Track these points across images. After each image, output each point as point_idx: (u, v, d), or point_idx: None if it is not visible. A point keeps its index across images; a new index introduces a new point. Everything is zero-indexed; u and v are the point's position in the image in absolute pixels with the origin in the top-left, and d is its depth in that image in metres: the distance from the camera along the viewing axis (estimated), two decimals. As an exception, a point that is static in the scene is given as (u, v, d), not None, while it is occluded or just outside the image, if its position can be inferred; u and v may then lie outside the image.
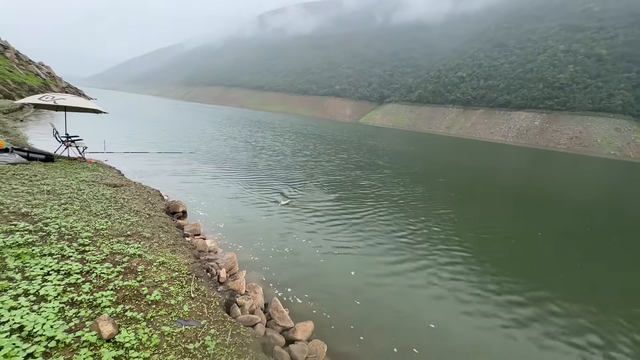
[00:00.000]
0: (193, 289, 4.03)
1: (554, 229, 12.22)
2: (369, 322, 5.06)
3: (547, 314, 6.00)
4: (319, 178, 15.39)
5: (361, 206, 11.55)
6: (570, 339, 5.34)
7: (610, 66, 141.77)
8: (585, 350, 5.10)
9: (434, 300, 6.02)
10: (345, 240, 8.21)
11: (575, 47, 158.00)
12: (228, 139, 27.10)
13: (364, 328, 4.89)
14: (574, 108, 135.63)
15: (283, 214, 9.51)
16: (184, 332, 3.18)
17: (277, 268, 6.34)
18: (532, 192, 20.80)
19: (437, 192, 15.60)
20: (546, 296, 6.68)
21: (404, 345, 4.63)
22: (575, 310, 6.30)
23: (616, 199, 22.52)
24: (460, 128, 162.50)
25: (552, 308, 6.23)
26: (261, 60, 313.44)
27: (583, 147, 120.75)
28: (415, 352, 4.54)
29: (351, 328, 4.86)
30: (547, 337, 5.31)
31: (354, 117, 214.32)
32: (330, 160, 21.71)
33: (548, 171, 36.04)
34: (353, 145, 35.51)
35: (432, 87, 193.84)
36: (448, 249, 8.47)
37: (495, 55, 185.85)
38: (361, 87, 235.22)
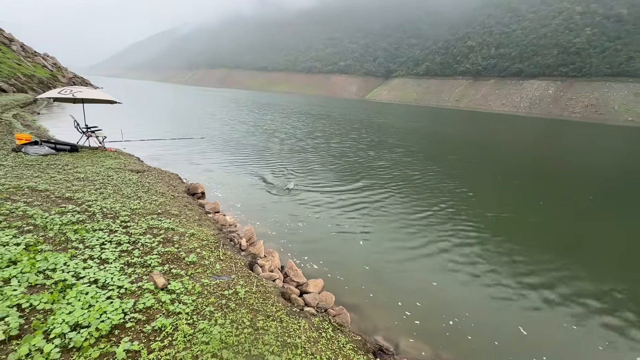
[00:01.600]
0: (221, 253, 4.82)
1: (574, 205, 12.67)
2: (375, 282, 5.79)
3: (552, 281, 6.67)
4: (332, 160, 15.80)
5: (373, 186, 11.93)
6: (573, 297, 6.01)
7: (631, 27, 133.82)
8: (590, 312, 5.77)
9: (440, 267, 6.59)
10: (357, 217, 8.79)
11: (593, 7, 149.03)
12: (238, 123, 27.47)
13: (371, 286, 5.62)
14: (590, 74, 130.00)
15: (297, 194, 10.16)
16: (219, 283, 3.97)
17: (291, 239, 7.12)
18: (545, 165, 20.98)
19: (447, 170, 15.98)
20: (553, 267, 7.32)
21: (407, 300, 5.37)
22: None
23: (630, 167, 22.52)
24: (470, 100, 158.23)
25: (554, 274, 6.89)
26: (262, 39, 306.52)
27: (599, 115, 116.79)
28: (418, 305, 5.29)
29: (358, 286, 5.62)
30: (552, 301, 5.99)
31: (360, 93, 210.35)
32: (342, 141, 21.83)
33: (563, 143, 35.66)
34: (363, 124, 35.53)
35: (440, 58, 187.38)
36: (458, 225, 8.90)
37: (507, 22, 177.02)
38: (366, 62, 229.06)
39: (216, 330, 3.05)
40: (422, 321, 4.88)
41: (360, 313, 4.94)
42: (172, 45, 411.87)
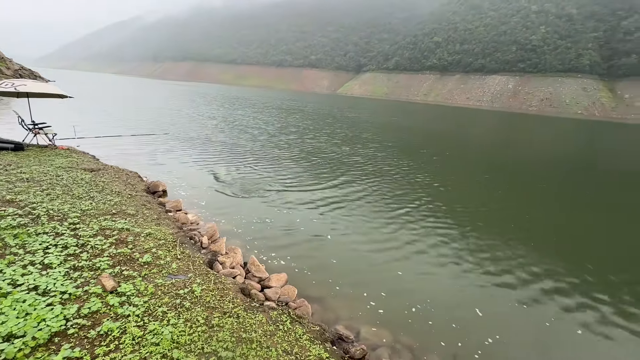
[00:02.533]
0: (179, 252, 4.69)
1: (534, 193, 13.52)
2: (342, 275, 5.86)
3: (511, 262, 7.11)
4: (306, 156, 15.48)
5: (346, 182, 11.92)
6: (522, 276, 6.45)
7: (579, 26, 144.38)
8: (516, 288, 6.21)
9: (406, 258, 6.77)
10: (327, 213, 8.72)
11: (547, 6, 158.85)
12: (207, 118, 26.36)
13: (338, 279, 5.69)
14: (545, 70, 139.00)
15: (268, 191, 9.93)
16: (175, 283, 3.87)
17: (259, 236, 7.00)
18: (505, 156, 22.24)
19: (418, 164, 16.41)
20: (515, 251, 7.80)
21: (372, 291, 5.49)
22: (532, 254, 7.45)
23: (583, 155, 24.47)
24: (437, 95, 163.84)
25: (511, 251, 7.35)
26: (232, 31, 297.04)
27: (552, 108, 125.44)
28: (382, 294, 5.44)
29: (325, 279, 5.67)
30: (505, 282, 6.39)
31: (332, 88, 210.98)
32: (316, 137, 21.54)
33: (521, 135, 37.94)
34: (336, 119, 35.60)
35: (408, 53, 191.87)
36: (425, 217, 9.18)
37: (471, 19, 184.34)
38: (337, 57, 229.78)
39: (167, 330, 2.98)
40: (385, 310, 5.04)
41: (324, 305, 5.02)
42: (135, 35, 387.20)
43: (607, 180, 16.58)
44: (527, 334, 4.79)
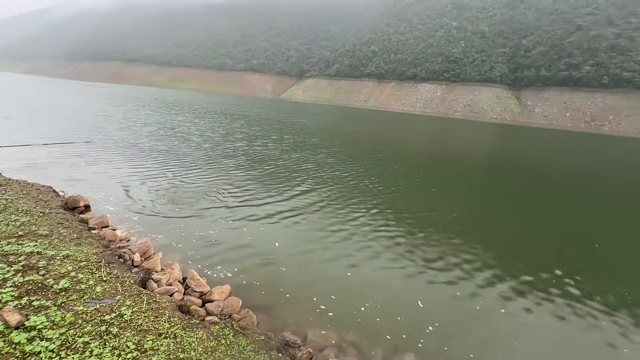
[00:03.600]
0: (104, 274, 4.23)
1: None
2: (292, 282, 5.82)
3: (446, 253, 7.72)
4: (255, 165, 14.74)
5: (295, 189, 11.84)
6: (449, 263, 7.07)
7: (491, 42, 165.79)
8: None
9: (355, 260, 6.95)
10: (274, 222, 8.51)
11: (464, 24, 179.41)
12: (142, 125, 23.78)
13: (288, 286, 5.63)
14: (466, 79, 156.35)
15: (212, 203, 9.38)
16: (99, 308, 3.48)
17: (201, 250, 6.54)
18: (438, 157, 24.31)
19: (366, 168, 17.06)
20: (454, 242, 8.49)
21: (322, 294, 5.55)
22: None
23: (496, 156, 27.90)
24: (376, 100, 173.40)
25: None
26: (165, 30, 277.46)
27: (474, 114, 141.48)
28: (332, 297, 5.53)
29: (275, 288, 5.55)
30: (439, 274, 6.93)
31: (275, 93, 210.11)
32: (265, 144, 20.78)
33: (449, 137, 41.94)
34: (284, 124, 35.22)
35: (348, 61, 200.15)
36: (371, 219, 9.64)
37: (402, 31, 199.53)
38: (280, 62, 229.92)
39: (90, 362, 2.67)
40: (335, 312, 5.14)
41: (271, 313, 4.95)
42: (47, 28, 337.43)
43: (520, 177, 19.23)
44: (461, 319, 5.31)
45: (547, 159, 28.12)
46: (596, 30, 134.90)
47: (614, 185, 19.18)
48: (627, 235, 10.46)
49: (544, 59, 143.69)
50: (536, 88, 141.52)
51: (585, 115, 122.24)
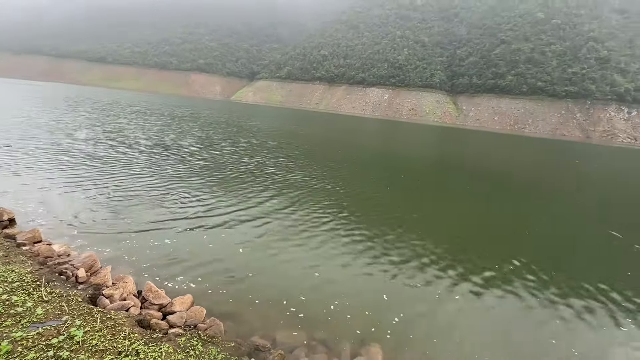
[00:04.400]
0: (45, 293, 3.75)
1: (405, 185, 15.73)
2: (260, 286, 5.71)
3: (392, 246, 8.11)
4: (215, 170, 13.86)
5: (255, 192, 11.53)
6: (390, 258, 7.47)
7: (430, 51, 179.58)
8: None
9: (321, 260, 7.04)
10: (237, 226, 8.24)
11: (407, 33, 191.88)
12: (79, 128, 20.84)
13: (256, 292, 5.51)
14: (410, 85, 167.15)
15: (169, 210, 8.67)
16: (43, 332, 3.08)
17: (156, 260, 6.06)
18: (389, 159, 25.49)
19: (326, 170, 17.24)
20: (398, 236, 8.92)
21: (291, 297, 5.51)
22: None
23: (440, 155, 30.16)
24: (327, 103, 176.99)
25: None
26: (101, 24, 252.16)
27: (418, 117, 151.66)
28: (302, 299, 5.51)
29: (243, 294, 5.39)
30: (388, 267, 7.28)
31: (225, 94, 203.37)
32: (222, 148, 19.62)
33: (397, 139, 44.32)
34: (239, 127, 33.94)
35: (299, 64, 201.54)
36: (334, 219, 9.79)
37: (351, 37, 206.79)
38: (229, 62, 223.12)
39: (39, 392, 2.37)
40: (305, 313, 5.15)
41: (239, 319, 4.81)
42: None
43: (459, 174, 21.08)
44: (423, 308, 5.68)
45: (480, 157, 31.26)
46: (516, 45, 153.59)
47: (533, 180, 22.00)
48: (548, 221, 12.09)
49: (475, 68, 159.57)
50: (469, 94, 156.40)
51: (509, 119, 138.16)
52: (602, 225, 11.98)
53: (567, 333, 5.42)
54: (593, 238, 10.72)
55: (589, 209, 14.97)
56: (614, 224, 12.00)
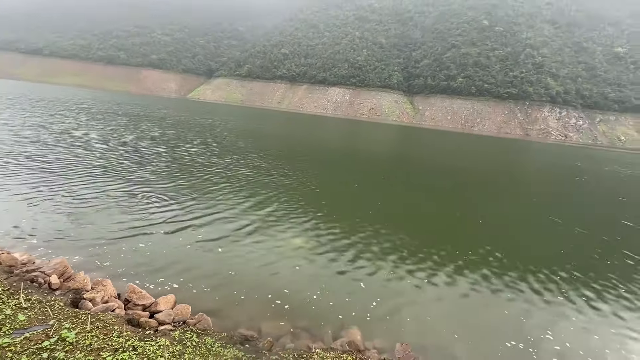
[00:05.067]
0: (24, 300, 3.63)
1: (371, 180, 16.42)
2: (243, 283, 5.87)
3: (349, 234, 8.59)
4: (185, 172, 13.37)
5: (235, 194, 11.41)
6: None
7: (388, 52, 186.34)
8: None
9: (300, 254, 7.33)
10: (213, 227, 8.24)
11: (366, 34, 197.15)
12: (22, 128, 18.71)
13: (242, 289, 5.68)
14: (369, 85, 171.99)
15: (135, 214, 8.31)
16: (30, 337, 3.04)
17: (132, 264, 5.91)
18: (353, 156, 26.29)
19: (299, 170, 17.33)
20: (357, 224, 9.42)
21: (276, 290, 5.77)
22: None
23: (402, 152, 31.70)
24: (289, 103, 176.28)
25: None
26: (35, 11, 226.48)
27: (377, 116, 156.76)
28: (286, 291, 5.80)
29: (228, 292, 5.55)
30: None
31: (181, 92, 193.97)
32: (189, 149, 18.74)
33: (359, 136, 45.65)
34: (202, 127, 32.50)
35: (260, 62, 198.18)
36: (308, 216, 10.06)
37: (311, 36, 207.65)
38: (184, 59, 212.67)
39: (43, 390, 2.41)
40: (290, 304, 5.45)
41: (226, 314, 4.97)
42: None
43: (418, 169, 22.49)
44: (396, 293, 6.22)
45: (437, 155, 33.49)
46: (465, 49, 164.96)
47: (482, 173, 24.18)
48: (499, 210, 13.49)
49: (429, 70, 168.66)
50: (425, 95, 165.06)
51: (461, 119, 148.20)
52: (544, 213, 13.64)
53: (525, 308, 6.29)
54: (537, 224, 12.19)
55: (533, 199, 16.88)
56: (554, 212, 13.73)
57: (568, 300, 6.60)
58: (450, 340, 5.08)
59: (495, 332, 5.44)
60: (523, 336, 5.36)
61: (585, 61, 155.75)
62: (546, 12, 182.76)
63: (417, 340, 4.95)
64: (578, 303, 6.53)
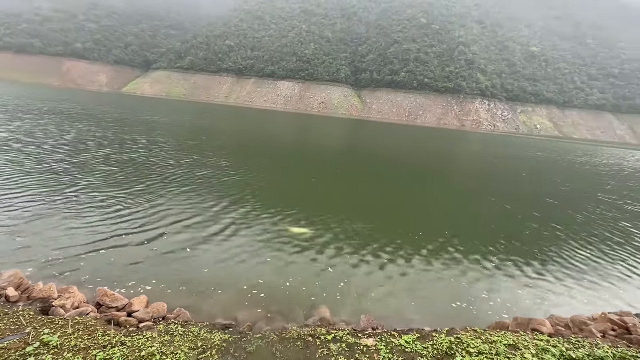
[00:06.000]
0: (-13, 313, 3.48)
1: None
2: (217, 279, 6.05)
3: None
4: (142, 175, 12.51)
5: (195, 194, 11.07)
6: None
7: (335, 46, 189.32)
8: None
9: (269, 246, 7.62)
10: (185, 226, 8.18)
11: (313, 28, 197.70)
12: None
13: (217, 284, 5.89)
14: (318, 79, 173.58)
15: (89, 220, 7.81)
16: (7, 346, 3.01)
17: (96, 269, 5.76)
18: (308, 150, 26.71)
19: (257, 167, 17.11)
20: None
21: (250, 281, 6.06)
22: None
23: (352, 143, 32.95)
24: (237, 97, 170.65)
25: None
26: None
27: (327, 110, 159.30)
28: (260, 281, 6.13)
29: (201, 288, 5.73)
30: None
31: (114, 85, 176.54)
32: (139, 150, 17.37)
33: (312, 130, 46.22)
34: (148, 125, 29.84)
35: (203, 54, 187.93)
36: (278, 209, 10.29)
37: (257, 28, 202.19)
38: (116, 48, 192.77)
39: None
40: (266, 292, 5.82)
41: (202, 308, 5.18)
42: None
43: (368, 160, 23.81)
44: (360, 274, 6.87)
45: (386, 146, 35.55)
46: (406, 45, 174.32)
47: (426, 161, 26.45)
48: (443, 195, 15.08)
49: (374, 64, 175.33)
50: (372, 88, 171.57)
51: (405, 111, 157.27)
52: (483, 195, 15.54)
53: (468, 276, 7.37)
54: (477, 203, 13.88)
55: (471, 183, 19.03)
56: (492, 194, 15.72)
57: (501, 266, 7.91)
58: (407, 308, 5.89)
59: (444, 297, 6.39)
60: (466, 298, 6.40)
61: (507, 58, 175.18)
62: (475, 12, 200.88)
63: (379, 311, 5.66)
64: (510, 268, 7.86)
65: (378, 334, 4.14)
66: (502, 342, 3.83)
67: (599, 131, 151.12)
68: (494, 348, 3.68)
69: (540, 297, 6.81)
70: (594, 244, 10.14)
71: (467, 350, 3.63)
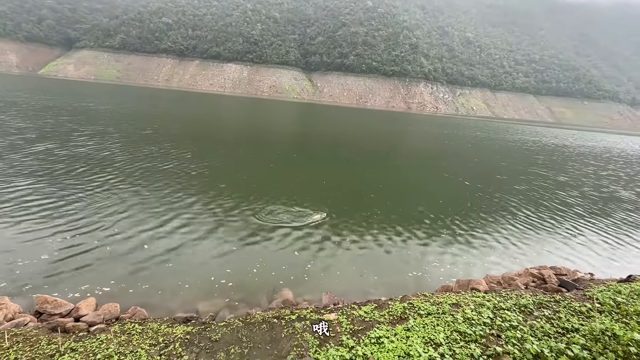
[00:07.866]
0: None
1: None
2: (182, 272, 5.90)
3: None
4: (96, 169, 11.46)
5: (144, 187, 10.21)
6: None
7: (283, 28, 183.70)
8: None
9: (235, 236, 7.53)
10: (139, 226, 7.63)
11: (258, 7, 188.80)
12: None
13: (184, 278, 5.74)
14: (268, 62, 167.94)
15: (33, 221, 6.86)
16: None
17: (36, 275, 5.29)
18: (263, 135, 26.01)
19: (213, 155, 16.14)
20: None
21: (218, 272, 5.99)
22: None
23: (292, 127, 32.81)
24: (180, 80, 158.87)
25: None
26: None
27: (279, 94, 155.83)
28: (228, 271, 6.06)
29: (162, 282, 5.54)
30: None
31: (27, 67, 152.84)
32: (86, 143, 15.62)
33: (264, 115, 44.98)
34: (88, 114, 26.14)
35: (136, 32, 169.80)
36: (235, 201, 9.92)
37: (197, 5, 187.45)
38: (27, 23, 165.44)
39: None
40: (234, 281, 5.80)
41: (164, 303, 5.05)
42: None
43: (327, 144, 24.06)
44: (324, 257, 7.08)
45: (339, 129, 36.12)
46: (354, 28, 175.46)
47: (379, 144, 27.55)
48: (394, 173, 15.90)
49: (324, 47, 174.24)
50: (322, 72, 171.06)
51: (355, 95, 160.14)
52: (438, 171, 16.69)
53: (422, 249, 7.98)
54: (433, 180, 14.88)
55: (427, 160, 20.27)
56: (446, 169, 16.94)
57: (451, 237, 8.73)
58: (367, 282, 6.29)
59: (401, 269, 6.93)
60: (420, 267, 7.03)
61: (447, 43, 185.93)
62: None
63: (341, 288, 5.98)
64: (459, 237, 8.71)
65: (339, 309, 4.39)
66: (447, 302, 4.32)
67: (524, 111, 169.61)
68: (441, 308, 4.14)
69: (481, 260, 7.72)
70: (532, 211, 11.69)
71: (419, 312, 4.04)
